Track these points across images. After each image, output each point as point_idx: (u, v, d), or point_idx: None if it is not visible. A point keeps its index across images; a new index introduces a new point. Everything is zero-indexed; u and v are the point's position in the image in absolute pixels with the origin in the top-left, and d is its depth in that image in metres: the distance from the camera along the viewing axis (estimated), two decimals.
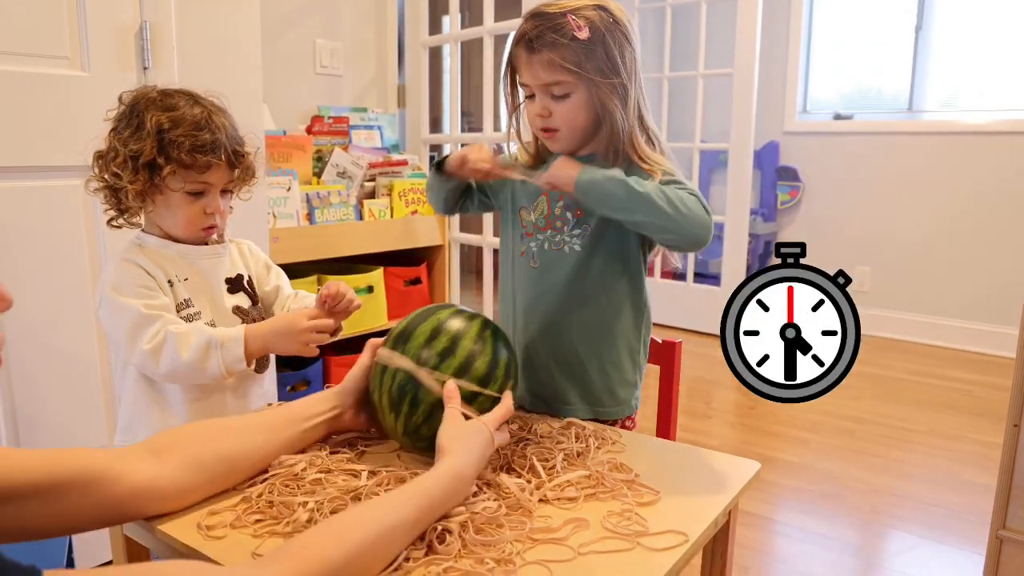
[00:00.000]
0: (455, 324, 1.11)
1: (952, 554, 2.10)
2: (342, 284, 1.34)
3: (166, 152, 1.22)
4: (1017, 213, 3.97)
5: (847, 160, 4.48)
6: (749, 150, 4.12)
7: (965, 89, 4.29)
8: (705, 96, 4.33)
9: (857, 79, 4.64)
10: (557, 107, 1.25)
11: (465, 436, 0.98)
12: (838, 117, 4.59)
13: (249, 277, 1.43)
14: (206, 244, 1.36)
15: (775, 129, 4.72)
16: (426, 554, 0.83)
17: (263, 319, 1.39)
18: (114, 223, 1.32)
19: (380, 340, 1.17)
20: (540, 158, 1.40)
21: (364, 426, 1.18)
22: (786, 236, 4.75)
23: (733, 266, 4.23)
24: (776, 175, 4.69)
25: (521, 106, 1.35)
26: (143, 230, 1.34)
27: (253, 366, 1.33)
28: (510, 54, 1.29)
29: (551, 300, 1.34)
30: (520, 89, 1.32)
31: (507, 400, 1.09)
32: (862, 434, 2.94)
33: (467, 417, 1.03)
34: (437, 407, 1.05)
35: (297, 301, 1.46)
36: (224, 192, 1.33)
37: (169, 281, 1.30)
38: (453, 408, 1.03)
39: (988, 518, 1.53)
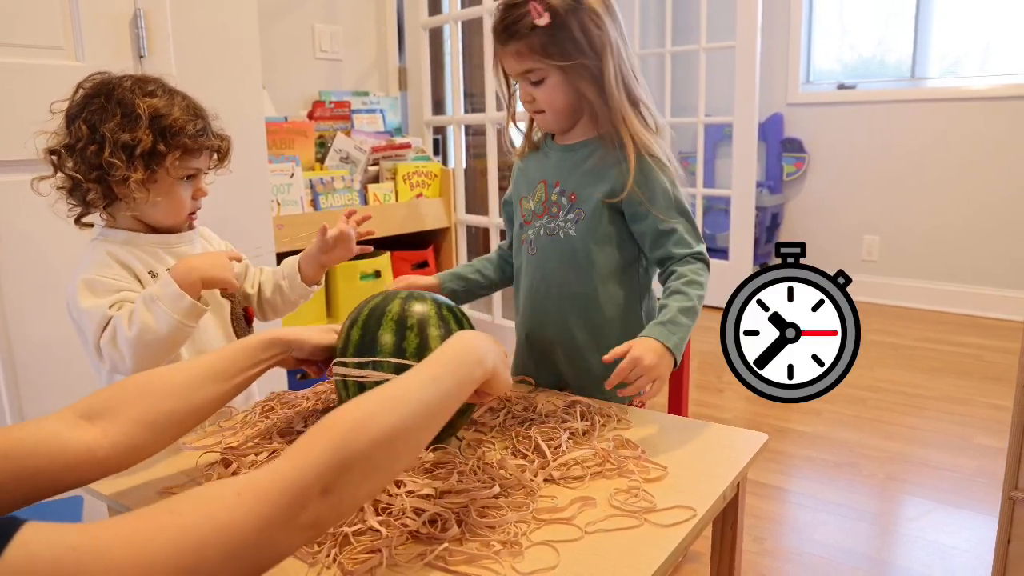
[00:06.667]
0: (415, 311, 1.03)
1: (966, 517, 2.11)
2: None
3: (165, 139, 1.21)
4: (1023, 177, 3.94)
5: (852, 129, 4.44)
6: (753, 123, 4.09)
7: (968, 55, 4.23)
8: (708, 70, 4.29)
9: (859, 48, 4.58)
10: (537, 92, 1.29)
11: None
12: (842, 87, 4.56)
13: None
14: (178, 232, 1.34)
15: (779, 101, 4.68)
16: (428, 540, 0.83)
17: (241, 300, 1.42)
18: (82, 222, 1.29)
19: None
20: (534, 143, 1.44)
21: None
22: (793, 207, 4.73)
23: (740, 240, 4.22)
24: (781, 147, 4.66)
25: (516, 92, 1.37)
26: (105, 226, 1.29)
27: (204, 304, 1.23)
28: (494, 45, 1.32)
29: (549, 287, 1.34)
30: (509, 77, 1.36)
31: None
32: (875, 402, 2.93)
33: None
34: None
35: (263, 274, 1.49)
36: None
37: (151, 272, 1.27)
38: None
39: (1000, 480, 1.52)
